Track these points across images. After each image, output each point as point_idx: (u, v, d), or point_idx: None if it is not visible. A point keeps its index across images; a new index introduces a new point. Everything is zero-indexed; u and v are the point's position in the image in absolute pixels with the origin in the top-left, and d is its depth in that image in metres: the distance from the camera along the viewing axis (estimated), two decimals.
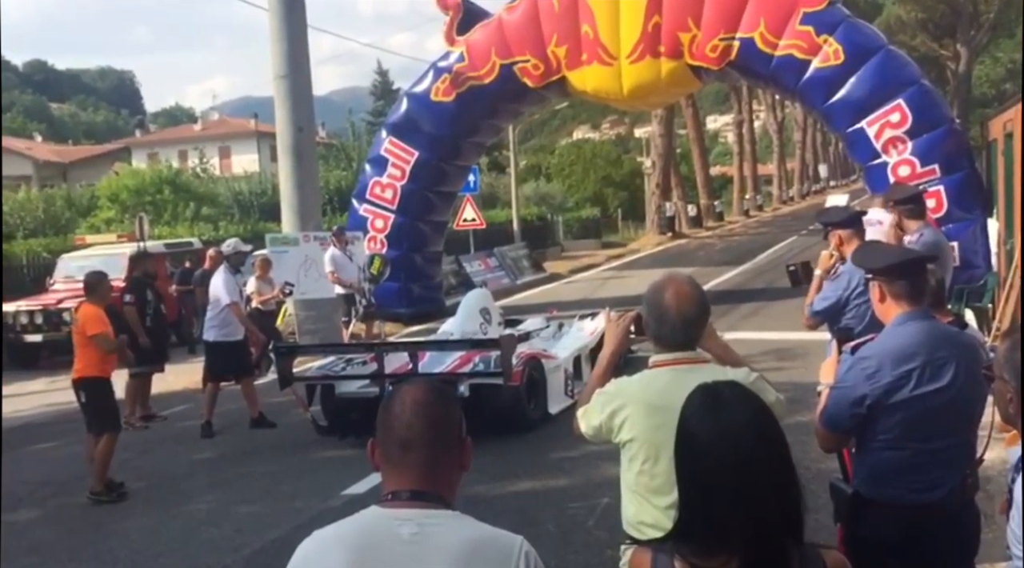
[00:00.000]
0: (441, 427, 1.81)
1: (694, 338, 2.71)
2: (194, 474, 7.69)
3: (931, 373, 2.89)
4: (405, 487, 1.77)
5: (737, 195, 49.38)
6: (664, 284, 2.71)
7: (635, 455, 2.66)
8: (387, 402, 1.85)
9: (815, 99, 13.32)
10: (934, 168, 12.27)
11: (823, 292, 5.09)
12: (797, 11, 13.06)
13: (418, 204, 15.83)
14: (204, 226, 23.14)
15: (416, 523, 1.72)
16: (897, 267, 3.01)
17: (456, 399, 1.92)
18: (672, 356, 2.69)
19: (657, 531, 2.61)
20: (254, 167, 44.60)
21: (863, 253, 3.28)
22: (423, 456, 1.78)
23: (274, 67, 14.46)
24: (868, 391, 2.89)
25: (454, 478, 1.85)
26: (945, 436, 2.94)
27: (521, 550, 1.75)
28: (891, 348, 2.93)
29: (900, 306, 3.00)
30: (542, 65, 14.77)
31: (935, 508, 2.93)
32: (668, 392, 2.57)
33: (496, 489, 6.56)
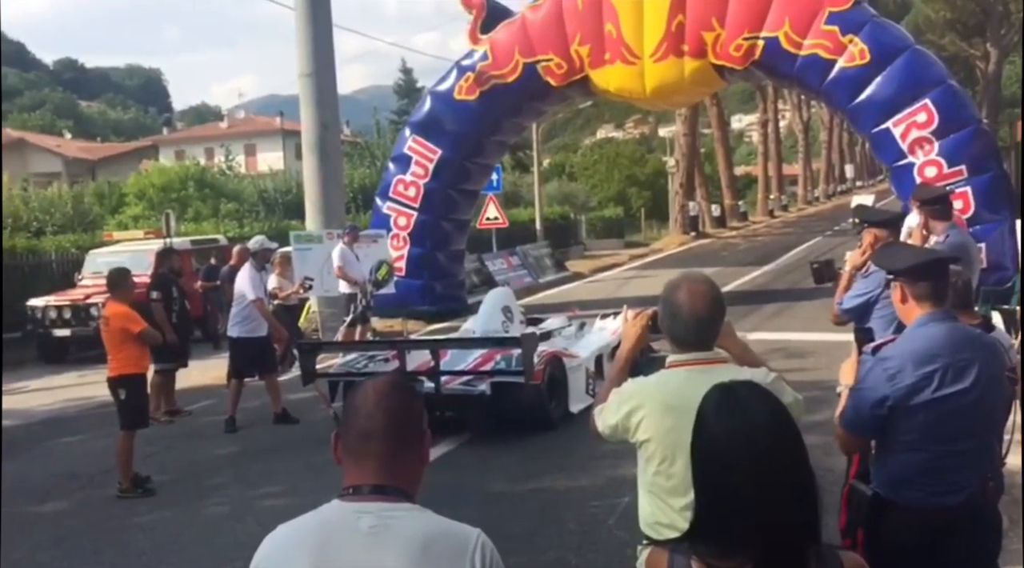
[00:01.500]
0: (402, 419, 1.83)
1: (709, 337, 2.70)
2: (218, 469, 7.77)
3: (953, 375, 2.86)
4: (366, 481, 1.80)
5: (762, 195, 49.08)
6: (678, 283, 2.70)
7: (651, 455, 2.66)
8: (350, 395, 1.89)
9: (840, 99, 13.23)
10: (961, 169, 12.16)
11: (854, 289, 5.06)
12: (822, 10, 12.97)
13: (441, 202, 15.88)
14: (229, 223, 23.33)
15: (375, 516, 1.75)
16: (919, 268, 2.98)
17: (418, 393, 1.94)
18: (689, 356, 2.68)
19: (673, 531, 2.62)
20: (279, 165, 44.96)
21: (885, 254, 3.26)
22: (384, 448, 1.80)
23: (300, 66, 14.58)
24: (890, 393, 2.86)
25: (415, 471, 1.86)
26: (967, 439, 2.91)
27: (478, 542, 1.77)
28: (913, 349, 2.91)
29: (922, 307, 2.98)
30: (565, 64, 14.77)
31: (955, 511, 2.90)
32: (684, 392, 2.56)
33: (517, 487, 6.58)
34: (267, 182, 31.29)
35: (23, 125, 60.47)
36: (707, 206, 38.02)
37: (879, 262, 3.27)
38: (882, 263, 3.21)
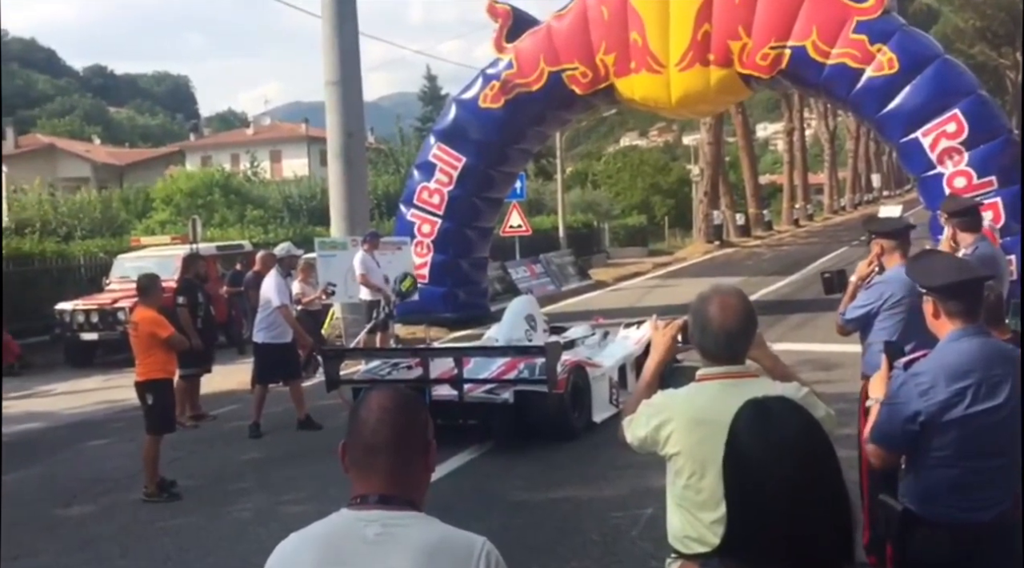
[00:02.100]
0: (407, 432, 1.85)
1: (739, 351, 2.68)
2: (242, 474, 7.81)
3: (986, 391, 2.83)
4: (373, 491, 1.82)
5: (787, 204, 48.78)
6: (709, 296, 2.69)
7: (681, 469, 2.65)
8: (355, 408, 1.90)
9: (868, 108, 13.13)
10: (991, 180, 12.03)
11: (857, 300, 5.04)
12: (850, 19, 12.89)
13: (465, 210, 15.92)
14: (254, 229, 23.52)
15: (381, 524, 1.77)
16: (955, 287, 2.94)
17: (423, 404, 1.94)
18: (720, 370, 2.66)
19: (702, 546, 2.60)
20: (304, 171, 45.24)
21: (919, 266, 3.19)
22: (389, 461, 1.82)
23: (326, 73, 14.68)
24: (922, 408, 2.84)
25: (421, 481, 1.89)
26: (998, 455, 2.88)
27: (483, 550, 1.78)
28: (946, 365, 2.88)
29: (954, 323, 2.95)
30: (590, 73, 14.77)
31: (985, 528, 2.86)
32: (714, 406, 2.56)
33: (539, 496, 6.57)
34: (292, 188, 31.52)
35: (53, 131, 61.33)
36: (731, 215, 37.85)
37: (912, 275, 3.22)
38: (916, 277, 3.16)
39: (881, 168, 72.10)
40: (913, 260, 3.31)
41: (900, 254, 4.95)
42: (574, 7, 15.02)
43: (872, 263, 5.15)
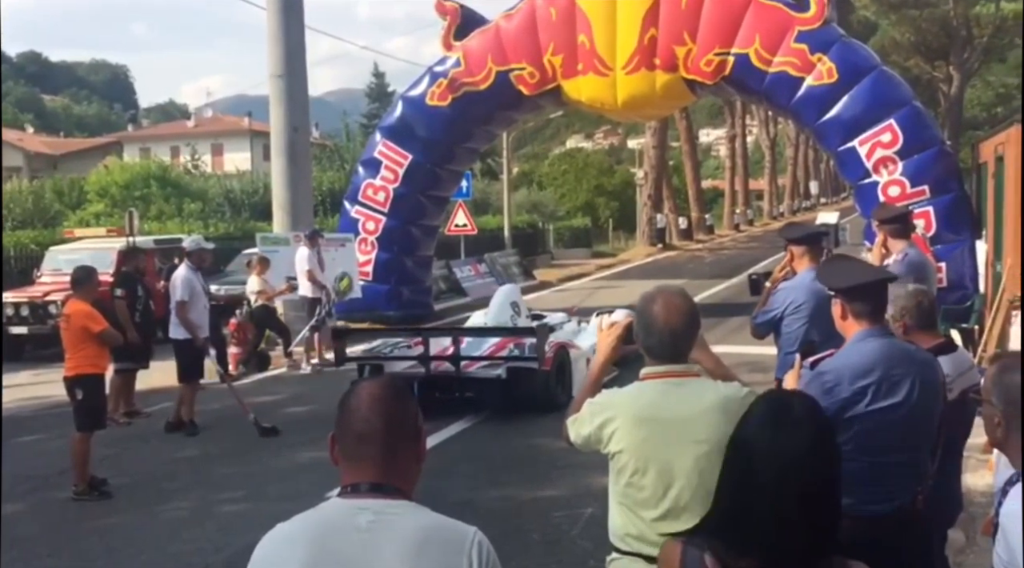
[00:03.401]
0: (397, 421, 1.86)
1: (683, 350, 2.72)
2: (177, 473, 7.65)
3: (887, 389, 2.96)
4: (364, 480, 1.82)
5: (728, 209, 49.60)
6: (654, 296, 2.73)
7: (623, 467, 2.67)
8: (345, 398, 1.90)
9: (808, 117, 13.41)
10: (924, 189, 12.38)
11: (767, 305, 5.18)
12: (792, 29, 13.15)
13: (410, 208, 15.82)
14: (194, 223, 23.07)
15: (373, 512, 1.77)
16: (859, 288, 3.07)
17: (412, 394, 1.95)
18: (662, 369, 2.69)
19: (643, 543, 2.63)
20: (246, 165, 44.53)
21: (827, 270, 3.33)
22: (380, 449, 1.83)
23: (270, 66, 14.49)
24: (826, 405, 2.92)
25: (412, 470, 1.89)
26: (898, 451, 3.00)
27: (474, 539, 1.80)
28: (849, 364, 3.01)
29: (860, 324, 3.07)
30: (538, 73, 14.81)
31: (885, 520, 2.98)
32: (657, 405, 2.62)
33: (481, 496, 6.57)
34: (234, 182, 31.01)
35: None
36: (674, 218, 38.33)
37: (821, 278, 3.35)
38: (824, 280, 3.29)
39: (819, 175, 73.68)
40: (823, 264, 3.45)
41: (809, 259, 5.07)
42: (523, 7, 15.04)
43: (784, 269, 5.27)
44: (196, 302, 9.13)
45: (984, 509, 4.89)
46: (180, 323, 9.02)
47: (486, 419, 9.08)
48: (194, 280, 9.17)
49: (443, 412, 8.69)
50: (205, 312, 9.30)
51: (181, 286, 9.01)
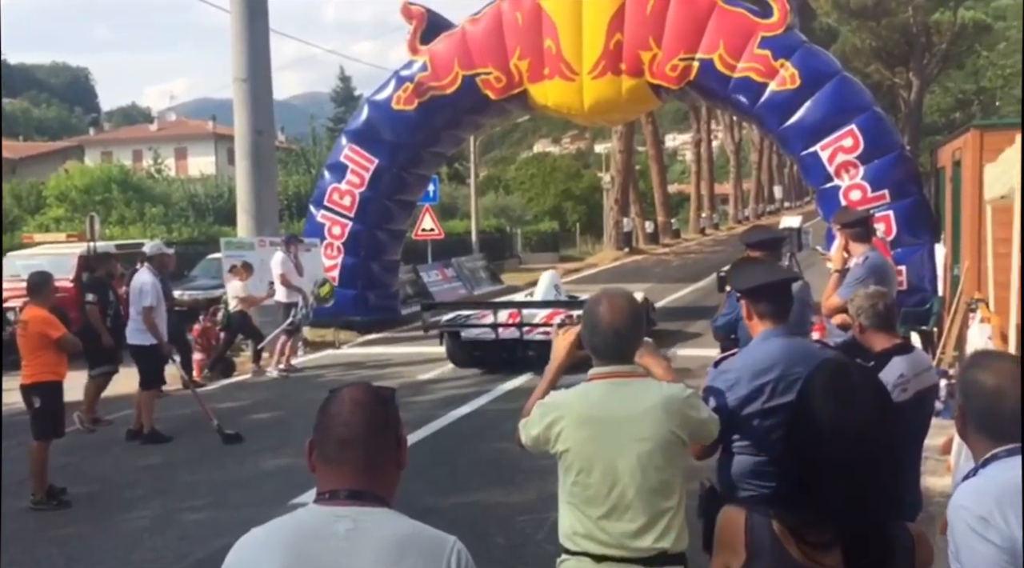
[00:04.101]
0: (379, 425, 1.84)
1: (627, 350, 2.78)
2: (139, 481, 7.54)
3: (784, 387, 3.02)
4: (343, 486, 1.80)
5: (694, 213, 49.99)
6: (599, 298, 2.81)
7: (570, 466, 2.72)
8: (325, 402, 1.88)
9: (771, 122, 13.56)
10: (884, 193, 12.57)
11: (725, 308, 5.26)
12: (756, 35, 13.29)
13: (376, 212, 15.75)
14: (157, 227, 22.77)
15: (352, 519, 1.75)
16: (761, 288, 3.17)
17: (394, 401, 1.92)
18: (608, 370, 2.76)
19: (591, 542, 2.67)
20: (211, 169, 44.07)
21: (735, 273, 3.42)
22: (361, 455, 1.80)
23: (235, 70, 14.36)
24: (726, 402, 3.05)
25: (392, 477, 1.87)
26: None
27: (454, 548, 1.79)
28: (749, 362, 3.10)
29: (764, 324, 3.17)
30: (504, 78, 14.82)
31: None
32: (602, 405, 2.68)
33: (445, 502, 6.54)
34: (198, 186, 30.68)
35: None
36: (641, 222, 38.57)
37: (730, 281, 3.43)
38: (731, 282, 3.40)
39: (783, 180, 74.59)
40: (732, 268, 3.51)
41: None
42: (489, 12, 15.05)
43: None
44: (159, 307, 9.03)
45: (942, 509, 4.96)
46: (147, 329, 8.87)
47: (452, 424, 9.08)
48: (159, 286, 9.07)
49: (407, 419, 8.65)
50: (165, 317, 9.19)
51: (149, 291, 8.88)
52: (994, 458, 2.07)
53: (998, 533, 1.93)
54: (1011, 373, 2.09)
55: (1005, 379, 2.08)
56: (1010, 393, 2.06)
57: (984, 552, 1.94)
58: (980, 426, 2.11)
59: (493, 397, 10.06)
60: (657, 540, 2.63)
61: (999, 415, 2.07)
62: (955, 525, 2.03)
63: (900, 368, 3.75)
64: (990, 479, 2.04)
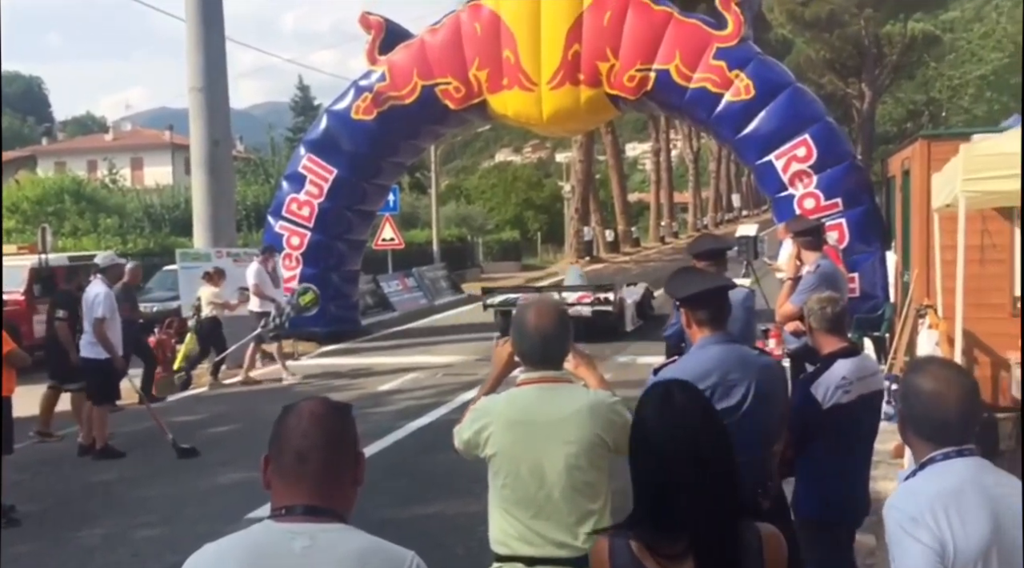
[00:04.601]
0: (337, 440, 1.81)
1: (554, 355, 2.84)
2: (91, 497, 7.40)
3: (722, 393, 3.09)
4: (299, 501, 1.77)
5: (654, 221, 50.41)
6: (528, 304, 2.92)
7: (499, 469, 2.78)
8: (282, 416, 1.85)
9: (727, 131, 13.75)
10: (837, 202, 12.80)
11: (673, 318, 5.33)
12: (711, 46, 13.49)
13: (336, 222, 15.67)
14: (111, 239, 22.40)
15: (309, 536, 1.73)
16: (698, 296, 3.23)
17: (352, 416, 1.90)
18: (537, 375, 2.82)
19: (524, 544, 2.70)
20: (168, 180, 43.50)
21: (673, 281, 3.46)
22: (319, 468, 1.77)
23: (190, 79, 14.22)
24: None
25: (349, 493, 1.84)
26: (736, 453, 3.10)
27: (412, 562, 1.78)
28: (687, 369, 3.13)
29: (703, 331, 3.22)
30: (463, 88, 14.86)
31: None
32: (530, 409, 2.74)
33: (404, 513, 6.52)
34: (153, 197, 30.26)
35: None
36: (601, 231, 38.80)
37: (666, 289, 3.49)
38: (669, 291, 3.44)
39: (741, 188, 75.48)
40: (670, 277, 3.56)
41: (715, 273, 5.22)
42: (448, 22, 15.08)
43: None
44: (113, 320, 8.86)
45: None
46: (98, 342, 8.70)
47: (412, 435, 9.05)
48: (112, 297, 8.90)
49: (366, 431, 8.60)
50: (120, 331, 9.03)
51: (102, 303, 8.70)
52: (931, 461, 2.12)
53: (928, 533, 1.99)
54: (949, 378, 2.15)
55: (943, 384, 2.13)
56: (948, 398, 2.12)
57: (914, 551, 1.99)
58: (919, 430, 2.17)
59: (452, 407, 10.04)
60: (586, 541, 2.65)
61: (937, 419, 2.13)
62: (888, 525, 2.08)
63: (843, 371, 3.84)
64: (925, 481, 2.10)
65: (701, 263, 5.14)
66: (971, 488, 2.06)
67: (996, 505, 2.04)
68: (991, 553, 2.00)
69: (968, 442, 2.15)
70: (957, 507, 2.02)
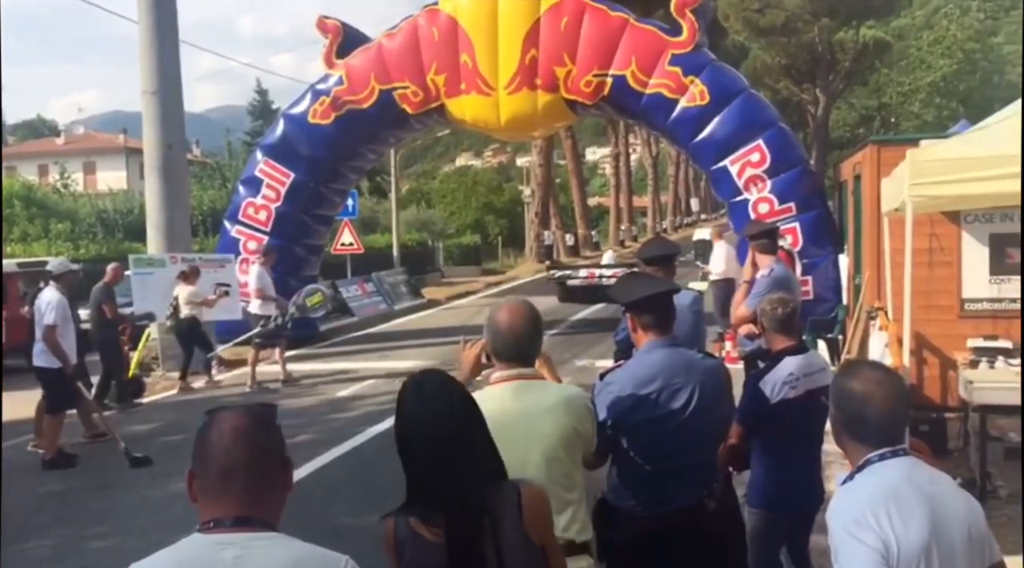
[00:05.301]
0: (262, 452, 1.79)
1: (527, 352, 2.91)
2: (41, 508, 7.25)
3: (667, 397, 3.13)
4: (228, 515, 1.74)
5: (613, 225, 50.71)
6: (500, 306, 2.99)
7: None
8: (203, 429, 1.81)
9: (683, 137, 13.90)
10: (790, 206, 12.99)
11: (623, 323, 5.36)
12: (666, 52, 13.62)
13: (293, 227, 15.53)
14: (63, 245, 21.96)
15: (240, 546, 1.71)
16: (642, 301, 3.26)
17: (276, 422, 1.88)
18: (510, 373, 2.90)
19: None
20: (121, 184, 42.80)
21: (618, 287, 3.51)
22: (247, 483, 1.75)
23: (143, 82, 14.01)
24: (611, 414, 3.14)
25: (279, 500, 1.83)
26: (680, 456, 3.17)
27: (346, 567, 1.77)
28: (633, 374, 3.19)
29: (648, 335, 3.25)
30: (421, 92, 14.83)
31: (667, 521, 3.15)
32: (506, 405, 2.81)
33: (363, 521, 6.46)
34: (107, 202, 29.72)
35: None
36: (562, 235, 38.94)
37: (612, 294, 3.54)
38: (615, 296, 3.49)
39: (699, 193, 76.20)
40: (616, 281, 3.62)
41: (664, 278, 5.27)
42: (405, 26, 15.05)
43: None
44: (67, 328, 8.70)
45: None
46: (49, 350, 8.53)
47: (371, 441, 8.99)
48: (66, 304, 8.74)
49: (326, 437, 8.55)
50: (73, 338, 8.87)
51: (54, 309, 8.54)
52: (868, 463, 2.16)
53: (872, 534, 2.02)
54: (879, 380, 2.19)
55: (873, 386, 2.17)
56: (879, 399, 2.15)
57: (859, 554, 2.02)
58: (853, 433, 2.20)
59: None
60: (564, 531, 2.74)
61: (868, 421, 2.16)
62: (832, 529, 2.11)
63: (790, 367, 4.01)
64: (864, 483, 2.13)
65: (650, 268, 5.19)
66: (908, 487, 2.10)
67: (932, 502, 2.08)
68: (931, 550, 2.04)
69: (901, 441, 2.20)
70: (897, 507, 2.05)
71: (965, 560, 2.09)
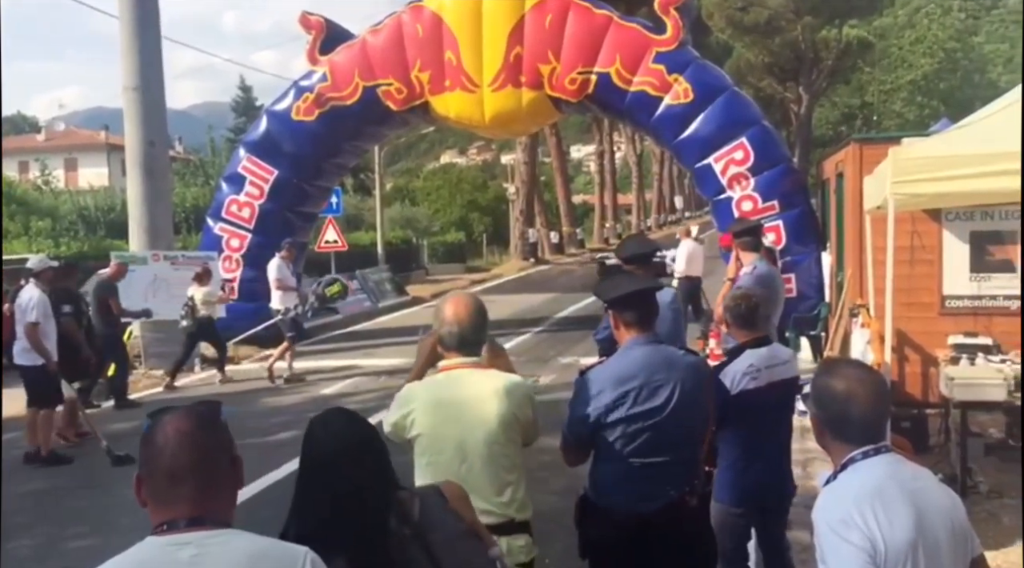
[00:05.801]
0: (209, 454, 1.77)
1: (471, 341, 3.07)
2: (22, 508, 7.18)
3: (647, 394, 3.15)
4: (181, 516, 1.73)
5: (598, 223, 50.78)
6: (447, 297, 3.21)
7: (424, 449, 2.99)
8: (148, 435, 1.78)
9: (667, 135, 13.93)
10: (774, 204, 13.05)
11: (604, 321, 5.37)
12: (650, 50, 13.65)
13: (277, 224, 15.43)
14: (43, 242, 21.76)
15: (196, 545, 1.70)
16: (624, 299, 3.30)
17: (222, 421, 1.85)
18: (456, 361, 3.06)
19: None
20: (103, 181, 42.46)
21: (602, 285, 3.54)
22: (196, 486, 1.73)
23: (125, 78, 13.91)
24: (591, 410, 3.17)
25: (230, 498, 1.82)
26: (661, 452, 3.18)
27: (306, 559, 1.76)
28: (613, 371, 3.21)
29: (630, 332, 3.28)
30: (405, 89, 14.79)
31: (650, 517, 3.17)
32: (450, 391, 3.00)
33: None
34: (88, 199, 29.48)
35: None
36: (546, 233, 38.95)
37: (596, 292, 3.57)
38: (598, 294, 3.51)
39: (684, 190, 76.33)
40: (600, 280, 3.66)
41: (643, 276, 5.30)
42: (389, 23, 15.01)
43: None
44: (48, 325, 8.65)
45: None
46: (32, 347, 8.47)
47: None
48: (47, 302, 8.69)
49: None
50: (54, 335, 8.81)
51: (36, 307, 8.49)
52: (851, 461, 2.16)
53: (858, 533, 2.03)
54: (860, 377, 2.20)
55: (854, 383, 2.18)
56: (861, 397, 2.16)
57: (846, 553, 2.03)
58: (835, 432, 2.20)
59: None
60: (504, 509, 2.96)
61: (852, 420, 2.16)
62: (818, 529, 2.12)
63: (750, 359, 4.09)
64: (848, 482, 2.14)
65: (629, 266, 5.20)
66: (892, 484, 2.11)
67: (916, 499, 2.10)
68: (917, 546, 2.05)
69: (883, 439, 2.21)
70: (882, 505, 2.06)
71: (949, 555, 2.10)
